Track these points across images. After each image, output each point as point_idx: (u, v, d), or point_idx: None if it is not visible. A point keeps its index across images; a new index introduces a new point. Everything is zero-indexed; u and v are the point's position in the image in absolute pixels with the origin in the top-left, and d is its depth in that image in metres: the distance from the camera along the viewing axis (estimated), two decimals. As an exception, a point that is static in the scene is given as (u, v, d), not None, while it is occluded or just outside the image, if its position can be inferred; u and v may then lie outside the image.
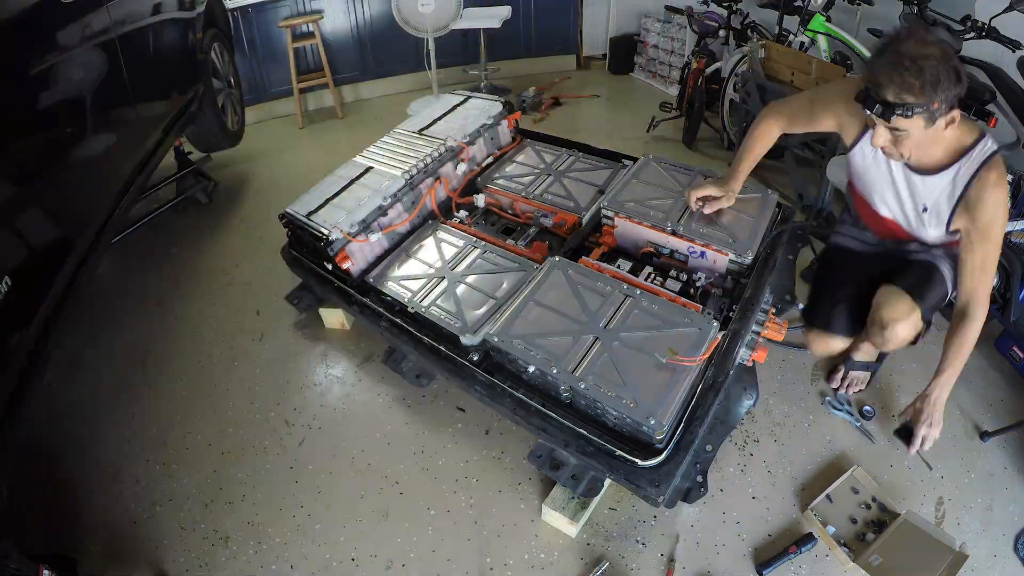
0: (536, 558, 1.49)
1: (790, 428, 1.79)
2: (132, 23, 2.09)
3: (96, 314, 2.32)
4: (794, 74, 2.55)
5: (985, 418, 1.80)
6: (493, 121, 2.36)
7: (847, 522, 1.52)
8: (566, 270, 1.67)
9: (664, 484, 1.30)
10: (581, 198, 2.08)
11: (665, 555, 1.48)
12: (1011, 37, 2.04)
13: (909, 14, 2.28)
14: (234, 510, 1.63)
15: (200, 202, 3.03)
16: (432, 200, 2.12)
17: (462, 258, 1.87)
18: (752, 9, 3.35)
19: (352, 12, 3.97)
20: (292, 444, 1.80)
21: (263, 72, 3.93)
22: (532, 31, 4.43)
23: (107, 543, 1.55)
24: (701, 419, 1.38)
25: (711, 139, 3.50)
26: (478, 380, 1.57)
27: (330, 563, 1.50)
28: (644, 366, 1.40)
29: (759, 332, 1.67)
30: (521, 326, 1.52)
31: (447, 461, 1.73)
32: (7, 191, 1.39)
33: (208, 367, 2.08)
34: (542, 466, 1.50)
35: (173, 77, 2.51)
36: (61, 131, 1.64)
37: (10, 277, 1.31)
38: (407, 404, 1.91)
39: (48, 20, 1.60)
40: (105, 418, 1.90)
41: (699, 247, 1.74)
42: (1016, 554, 1.47)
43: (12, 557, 1.18)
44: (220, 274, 2.54)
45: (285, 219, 1.99)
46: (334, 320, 2.20)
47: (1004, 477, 1.65)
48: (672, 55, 4.16)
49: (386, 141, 2.27)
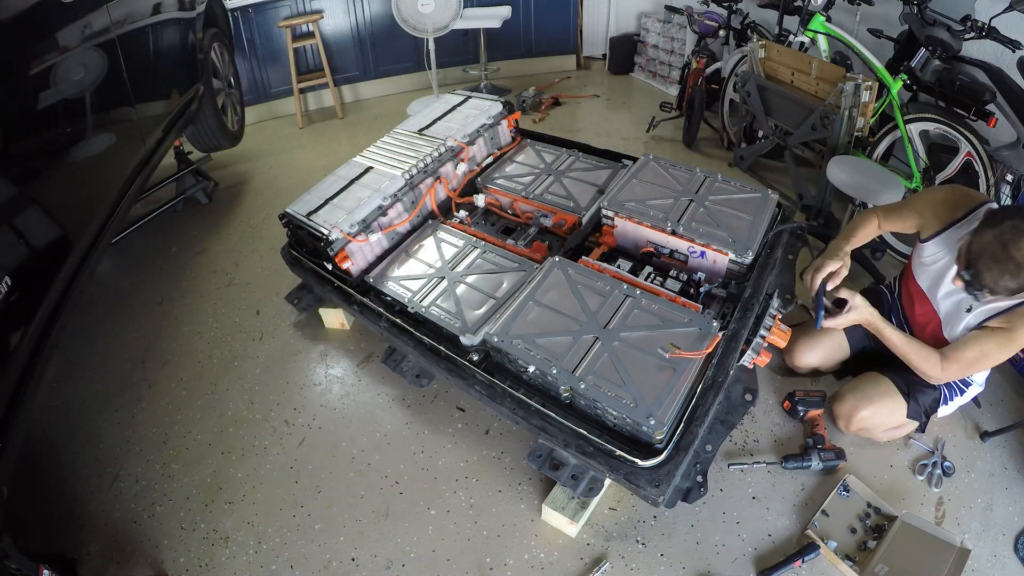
0: (536, 558, 1.49)
1: (790, 428, 1.79)
2: (132, 23, 2.10)
3: (96, 314, 2.32)
4: (794, 74, 2.55)
5: (985, 418, 1.80)
6: (493, 121, 2.36)
7: (847, 533, 1.51)
8: (566, 270, 1.67)
9: (664, 484, 1.30)
10: (581, 198, 2.08)
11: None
12: (1011, 37, 2.04)
13: (909, 14, 2.28)
14: (234, 510, 1.63)
15: (200, 202, 3.03)
16: (432, 200, 2.12)
17: (462, 258, 1.87)
18: (752, 9, 3.34)
19: (352, 12, 3.97)
20: (292, 444, 1.80)
21: (263, 72, 3.93)
22: (532, 31, 4.43)
23: (107, 543, 1.55)
24: (701, 419, 1.38)
25: (711, 139, 3.50)
26: (478, 380, 1.57)
27: (330, 563, 1.50)
28: (644, 366, 1.40)
29: (764, 336, 1.66)
30: (521, 326, 1.52)
31: (447, 461, 1.73)
32: (7, 191, 1.39)
33: (208, 367, 2.08)
34: (542, 466, 1.50)
35: (173, 77, 2.50)
36: (61, 131, 1.64)
37: (10, 277, 1.31)
38: (407, 404, 1.91)
39: (48, 20, 1.60)
40: (105, 418, 1.90)
41: (699, 247, 1.74)
42: (1016, 554, 1.47)
43: (12, 557, 1.18)
44: (220, 274, 2.54)
45: (285, 219, 1.99)
46: (334, 320, 2.20)
47: (1004, 477, 1.65)
48: (672, 55, 4.16)
49: (386, 141, 2.27)
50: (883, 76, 2.43)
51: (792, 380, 1.93)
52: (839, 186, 2.17)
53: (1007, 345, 1.38)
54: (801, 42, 2.74)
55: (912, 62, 2.28)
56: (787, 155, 2.77)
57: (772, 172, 3.11)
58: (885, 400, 1.61)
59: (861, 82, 2.27)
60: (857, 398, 1.65)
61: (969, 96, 2.08)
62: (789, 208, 1.99)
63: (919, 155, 2.32)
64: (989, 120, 2.05)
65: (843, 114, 2.33)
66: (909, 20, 2.29)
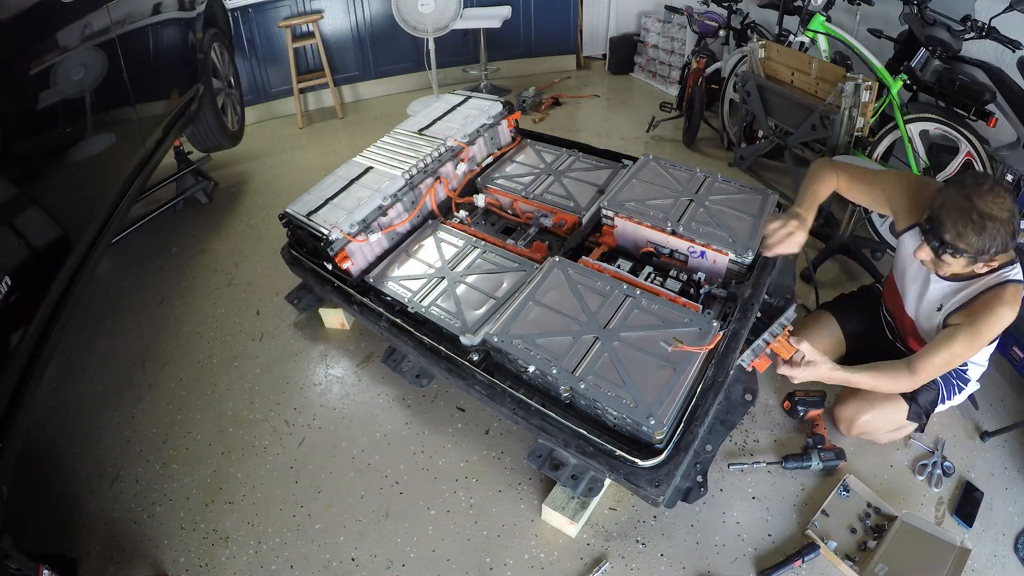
0: (536, 558, 1.49)
1: (790, 428, 1.79)
2: (132, 23, 2.10)
3: (96, 314, 2.32)
4: (794, 74, 2.55)
5: (985, 418, 1.80)
6: (493, 121, 2.36)
7: (847, 533, 1.51)
8: (566, 270, 1.67)
9: (664, 484, 1.30)
10: (581, 198, 2.08)
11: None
12: (1011, 37, 2.04)
13: (909, 14, 2.28)
14: (234, 510, 1.63)
15: (200, 202, 3.04)
16: (432, 200, 2.12)
17: (462, 258, 1.87)
18: (752, 9, 3.34)
19: (352, 12, 3.97)
20: (292, 444, 1.80)
21: (263, 72, 3.93)
22: (532, 31, 4.43)
23: (107, 543, 1.55)
24: (701, 419, 1.38)
25: (711, 139, 3.50)
26: (478, 380, 1.57)
27: (330, 563, 1.50)
28: (644, 366, 1.40)
29: (769, 342, 1.65)
30: (521, 326, 1.52)
31: (447, 461, 1.73)
32: (7, 191, 1.39)
33: (208, 367, 2.08)
34: (542, 466, 1.50)
35: (173, 77, 2.50)
36: (61, 131, 1.64)
37: (10, 277, 1.31)
38: (407, 404, 1.91)
39: (48, 20, 1.60)
40: (105, 418, 1.90)
41: (699, 247, 1.74)
42: (1016, 554, 1.47)
43: (12, 557, 1.18)
44: (220, 274, 2.54)
45: (285, 219, 1.99)
46: (334, 320, 2.20)
47: (1004, 477, 1.65)
48: (672, 55, 4.16)
49: (386, 141, 2.27)
50: (883, 76, 2.43)
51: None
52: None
53: (973, 340, 1.36)
54: (801, 42, 2.74)
55: (912, 62, 2.28)
56: (787, 155, 2.77)
57: (772, 172, 3.11)
58: (886, 405, 1.61)
59: (861, 82, 2.27)
60: (858, 403, 1.65)
61: (969, 96, 2.08)
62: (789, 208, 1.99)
63: (919, 155, 2.32)
64: (989, 120, 2.05)
65: (843, 114, 2.33)
66: (909, 20, 2.29)
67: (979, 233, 1.24)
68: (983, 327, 1.34)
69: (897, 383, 1.46)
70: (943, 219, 1.27)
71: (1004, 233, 1.24)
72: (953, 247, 1.27)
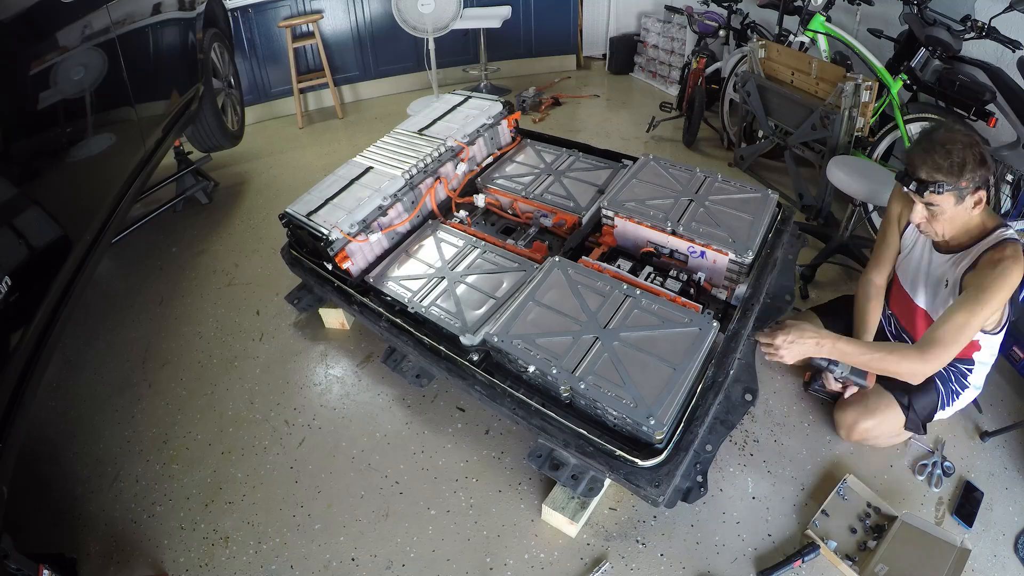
0: (536, 558, 1.49)
1: (790, 428, 1.79)
2: (132, 23, 2.10)
3: (96, 314, 2.32)
4: (794, 74, 2.55)
5: (985, 418, 1.80)
6: (493, 121, 2.36)
7: (847, 533, 1.50)
8: (566, 270, 1.67)
9: (664, 484, 1.30)
10: (581, 198, 2.08)
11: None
12: (1011, 37, 2.04)
13: (909, 14, 2.28)
14: (234, 510, 1.63)
15: (200, 202, 3.04)
16: (432, 200, 2.12)
17: (462, 258, 1.87)
18: (752, 9, 3.35)
19: (352, 12, 3.97)
20: (292, 444, 1.80)
21: (263, 72, 3.93)
22: (532, 31, 4.43)
23: (107, 543, 1.55)
24: (701, 419, 1.38)
25: (711, 139, 3.50)
26: (478, 380, 1.57)
27: (330, 563, 1.50)
28: (644, 366, 1.40)
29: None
30: (521, 326, 1.52)
31: (447, 461, 1.73)
32: (7, 191, 1.39)
33: (208, 367, 2.08)
34: (542, 466, 1.50)
35: (173, 77, 2.50)
36: (61, 131, 1.64)
37: (10, 277, 1.31)
38: (407, 404, 1.91)
39: (48, 20, 1.60)
40: (105, 418, 1.90)
41: (699, 247, 1.74)
42: (1016, 554, 1.47)
43: (12, 557, 1.19)
44: (220, 274, 2.54)
45: (285, 219, 1.99)
46: (334, 320, 2.20)
47: (1004, 477, 1.65)
48: (672, 55, 4.16)
49: (386, 141, 2.27)
50: (883, 76, 2.43)
51: (793, 378, 1.93)
52: (839, 186, 2.17)
53: (977, 307, 1.34)
54: (801, 42, 2.74)
55: (912, 62, 2.28)
56: (787, 155, 2.77)
57: (772, 172, 3.11)
58: (888, 413, 1.61)
59: (861, 82, 2.27)
60: (859, 410, 1.65)
61: (969, 96, 2.08)
62: (789, 208, 1.99)
63: (919, 155, 2.31)
64: (989, 120, 2.05)
65: (843, 114, 2.33)
66: (909, 20, 2.29)
67: (946, 156, 1.30)
68: (989, 284, 1.34)
69: (904, 362, 1.39)
70: (912, 160, 1.36)
71: (972, 152, 1.30)
72: (931, 181, 1.33)
